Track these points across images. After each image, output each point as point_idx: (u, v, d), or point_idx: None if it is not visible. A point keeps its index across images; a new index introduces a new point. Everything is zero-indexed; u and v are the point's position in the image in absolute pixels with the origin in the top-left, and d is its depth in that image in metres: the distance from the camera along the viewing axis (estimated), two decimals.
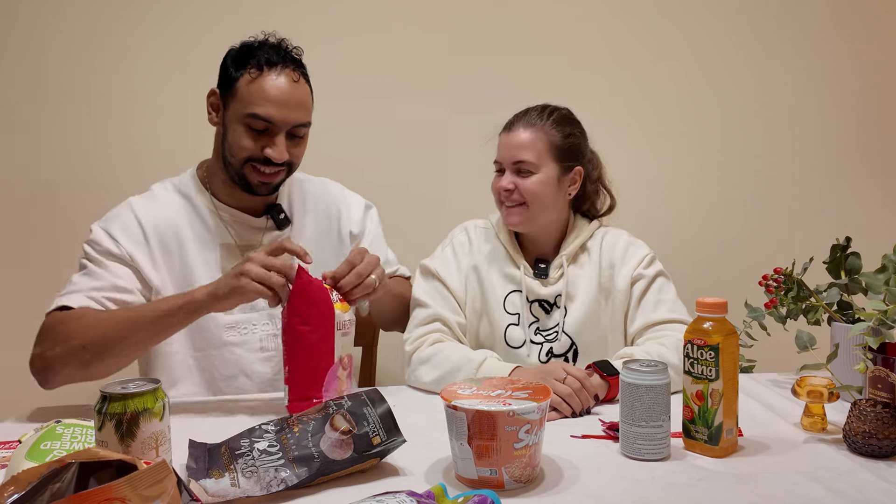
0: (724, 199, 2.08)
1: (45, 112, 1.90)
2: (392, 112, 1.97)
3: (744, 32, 2.04)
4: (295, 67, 1.33)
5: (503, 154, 1.45)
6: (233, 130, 1.31)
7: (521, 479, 0.90)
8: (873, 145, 2.09)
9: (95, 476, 0.70)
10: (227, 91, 1.33)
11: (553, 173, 1.43)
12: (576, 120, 1.50)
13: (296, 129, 1.33)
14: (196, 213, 1.39)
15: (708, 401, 0.99)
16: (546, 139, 1.43)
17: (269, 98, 1.29)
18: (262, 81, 1.29)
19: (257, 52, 1.31)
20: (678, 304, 1.44)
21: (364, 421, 0.94)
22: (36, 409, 1.25)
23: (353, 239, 1.51)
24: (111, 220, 1.35)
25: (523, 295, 1.46)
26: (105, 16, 1.89)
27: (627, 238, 1.51)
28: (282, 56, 1.32)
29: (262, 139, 1.31)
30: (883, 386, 1.04)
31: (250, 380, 1.38)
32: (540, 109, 1.46)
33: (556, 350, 1.44)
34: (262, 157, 1.31)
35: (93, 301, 1.24)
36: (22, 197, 1.91)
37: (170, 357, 1.35)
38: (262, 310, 1.38)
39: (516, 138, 1.43)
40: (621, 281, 1.46)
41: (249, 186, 1.34)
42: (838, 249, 1.32)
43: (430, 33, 1.98)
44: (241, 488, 0.85)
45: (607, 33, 2.03)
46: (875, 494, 0.87)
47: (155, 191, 1.42)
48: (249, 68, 1.30)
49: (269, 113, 1.28)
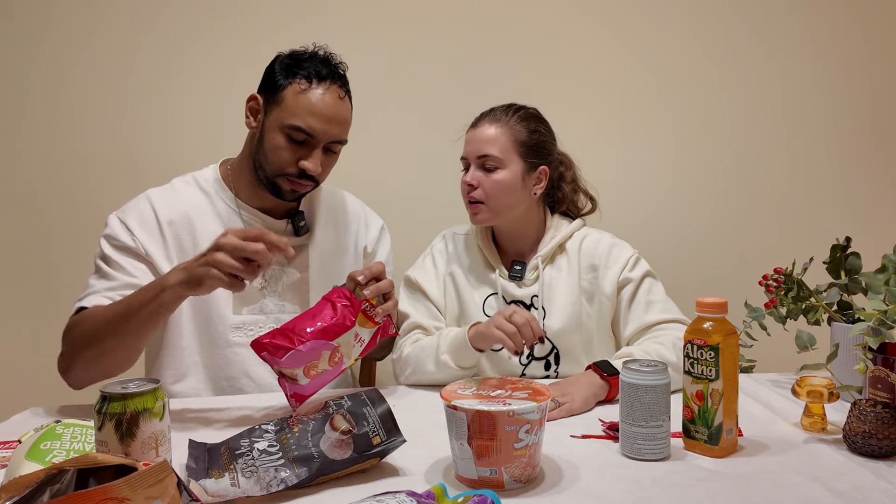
0: (724, 199, 2.08)
1: (45, 112, 1.90)
2: (376, 112, 1.96)
3: (744, 32, 2.04)
4: (341, 84, 1.35)
5: (468, 149, 1.46)
6: (271, 138, 1.32)
7: (521, 479, 0.90)
8: (873, 145, 2.09)
9: (95, 476, 0.70)
10: (271, 97, 1.33)
11: (518, 169, 1.43)
12: (542, 118, 1.50)
13: (332, 144, 1.35)
14: (214, 210, 1.39)
15: (708, 401, 0.99)
16: (511, 134, 1.43)
17: (315, 112, 1.30)
18: (309, 94, 1.30)
19: (306, 64, 1.32)
20: (669, 302, 1.44)
21: (364, 421, 0.94)
22: (36, 410, 1.25)
23: (365, 255, 1.52)
24: (128, 211, 1.36)
25: (499, 297, 1.47)
26: (99, 17, 1.89)
27: (610, 239, 1.50)
28: (331, 71, 1.33)
29: (299, 150, 1.32)
30: (883, 386, 1.04)
31: (253, 381, 1.38)
32: (506, 107, 1.47)
33: (536, 352, 1.44)
34: (296, 172, 1.32)
35: (107, 300, 1.24)
36: (22, 196, 1.91)
37: (178, 352, 1.35)
38: (269, 313, 1.39)
39: (482, 133, 1.43)
40: (607, 285, 1.45)
41: (279, 192, 1.35)
42: (838, 249, 1.32)
43: (413, 32, 1.98)
44: (241, 488, 0.85)
45: (597, 30, 2.03)
46: (875, 494, 0.87)
47: (175, 184, 1.42)
48: (298, 79, 1.31)
49: (311, 126, 1.30)
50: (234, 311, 1.37)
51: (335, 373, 1.17)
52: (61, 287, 1.89)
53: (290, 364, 1.11)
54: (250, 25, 1.93)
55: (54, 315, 1.52)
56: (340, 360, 1.17)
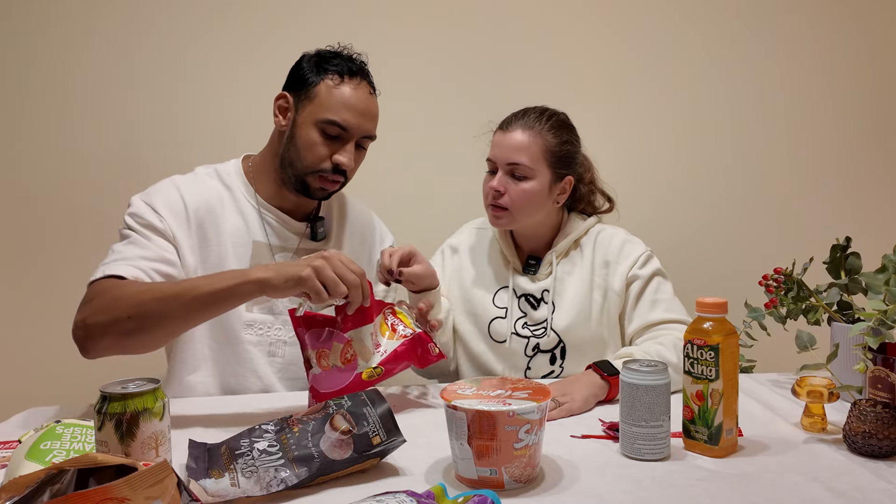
0: (724, 199, 2.08)
1: (45, 112, 1.90)
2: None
3: (744, 32, 2.04)
4: (370, 81, 1.38)
5: (497, 153, 1.44)
6: (305, 133, 1.33)
7: (520, 479, 0.90)
8: (873, 145, 2.09)
9: (95, 476, 0.70)
10: (302, 94, 1.34)
11: (546, 179, 1.43)
12: (572, 127, 1.50)
13: (363, 139, 1.37)
14: (235, 206, 1.39)
15: (708, 401, 0.99)
16: (542, 143, 1.42)
17: (350, 106, 1.32)
18: (343, 89, 1.32)
19: (336, 61, 1.35)
20: (675, 303, 1.44)
21: (364, 421, 0.94)
22: (36, 410, 1.25)
23: None
24: (154, 195, 1.34)
25: (510, 289, 1.47)
26: (98, 16, 1.89)
27: (623, 236, 1.51)
28: (360, 67, 1.36)
29: (333, 145, 1.33)
30: (883, 386, 1.04)
31: (259, 380, 1.38)
32: (539, 112, 1.46)
33: (542, 346, 1.45)
34: (331, 168, 1.33)
35: (140, 272, 1.21)
36: (21, 196, 1.91)
37: (191, 343, 1.35)
38: (279, 314, 1.39)
39: (513, 139, 1.42)
40: (617, 281, 1.46)
41: (308, 190, 1.35)
42: (838, 249, 1.32)
43: (413, 31, 1.98)
44: (241, 488, 0.85)
45: (606, 30, 2.03)
46: (875, 494, 0.87)
47: (198, 174, 1.41)
48: (330, 75, 1.33)
49: (347, 120, 1.31)
50: (246, 309, 1.37)
51: (349, 376, 1.15)
52: (61, 287, 1.89)
53: (308, 340, 1.14)
54: (250, 24, 1.93)
55: (54, 315, 1.53)
56: (353, 360, 1.16)
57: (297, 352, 1.41)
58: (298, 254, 1.42)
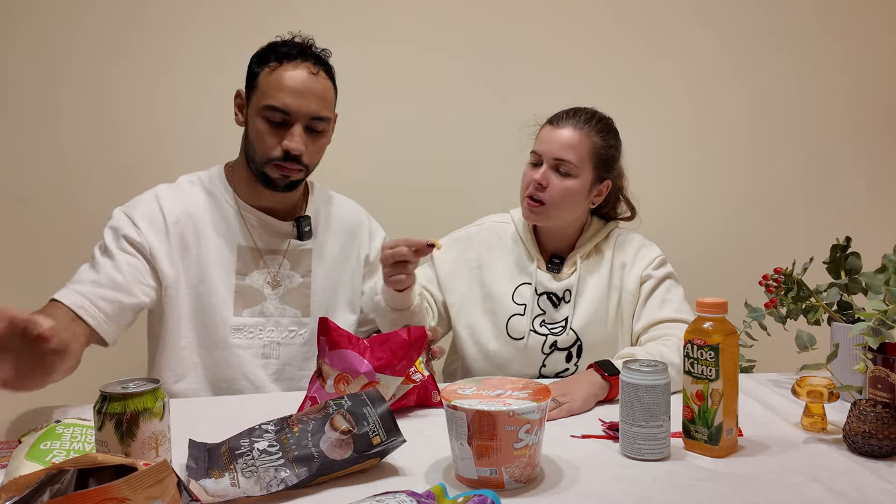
0: (724, 199, 2.08)
1: (46, 112, 1.90)
2: (400, 108, 1.97)
3: (744, 33, 2.04)
4: (315, 62, 1.33)
5: (544, 147, 1.45)
6: (253, 125, 1.33)
7: (521, 479, 0.90)
8: (873, 145, 2.09)
9: (95, 476, 0.70)
10: (249, 88, 1.35)
11: (588, 179, 1.45)
12: (618, 132, 1.52)
13: (313, 122, 1.33)
14: (219, 211, 1.39)
15: (708, 401, 0.99)
16: (590, 144, 1.44)
17: (285, 88, 1.29)
18: (278, 72, 1.30)
19: (278, 48, 1.33)
20: (684, 305, 1.45)
21: (364, 421, 0.94)
22: (36, 410, 1.25)
23: (367, 264, 1.53)
24: (135, 207, 1.35)
25: (532, 287, 1.48)
26: (98, 16, 1.89)
27: (640, 240, 1.54)
28: (300, 50, 1.33)
29: (280, 132, 1.31)
30: (883, 386, 1.04)
31: (251, 384, 1.38)
32: (590, 114, 1.47)
33: (560, 343, 1.46)
34: (281, 155, 1.31)
35: (85, 299, 1.23)
36: (21, 196, 1.91)
37: (177, 352, 1.35)
38: (270, 316, 1.39)
39: (563, 135, 1.43)
40: (631, 281, 1.48)
41: (270, 182, 1.35)
42: (838, 249, 1.32)
43: (414, 31, 1.98)
44: (241, 488, 0.85)
45: (599, 28, 2.03)
46: (875, 494, 0.87)
47: (182, 183, 1.42)
48: (270, 63, 1.31)
49: (284, 103, 1.29)
50: (234, 314, 1.37)
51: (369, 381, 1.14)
52: (60, 288, 1.88)
53: (332, 361, 1.11)
54: (250, 23, 1.92)
55: None
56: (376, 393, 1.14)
57: (292, 352, 1.41)
58: (288, 257, 1.42)
